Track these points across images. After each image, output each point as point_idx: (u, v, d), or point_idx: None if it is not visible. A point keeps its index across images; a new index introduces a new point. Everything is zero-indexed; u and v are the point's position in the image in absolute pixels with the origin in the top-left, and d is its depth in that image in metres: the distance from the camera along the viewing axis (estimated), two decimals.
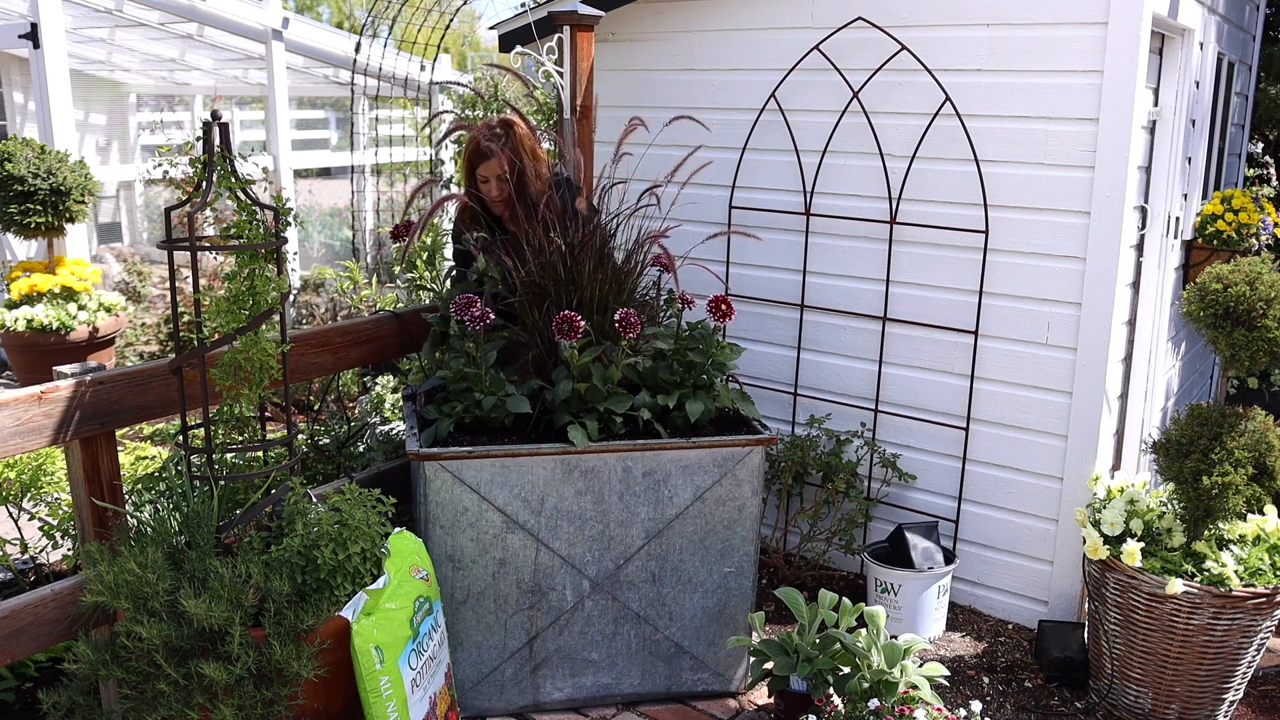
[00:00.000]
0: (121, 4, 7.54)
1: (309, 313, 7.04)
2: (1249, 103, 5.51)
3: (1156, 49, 3.66)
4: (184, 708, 2.35)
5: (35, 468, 3.41)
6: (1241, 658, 3.02)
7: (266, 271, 2.63)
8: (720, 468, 3.00)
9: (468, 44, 22.49)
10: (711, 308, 3.09)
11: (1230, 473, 2.91)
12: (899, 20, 3.55)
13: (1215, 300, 3.01)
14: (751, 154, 3.94)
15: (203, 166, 2.55)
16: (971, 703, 2.61)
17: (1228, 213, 4.27)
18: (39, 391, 2.47)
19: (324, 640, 2.44)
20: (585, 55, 3.38)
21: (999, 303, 3.54)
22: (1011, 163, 3.44)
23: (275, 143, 7.95)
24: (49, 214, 5.44)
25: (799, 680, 2.86)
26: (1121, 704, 3.17)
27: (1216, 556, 2.98)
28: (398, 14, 7.10)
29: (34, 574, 3.38)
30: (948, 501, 3.76)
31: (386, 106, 7.43)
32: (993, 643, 3.58)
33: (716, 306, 3.09)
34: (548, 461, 2.90)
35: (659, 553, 3.04)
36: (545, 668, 3.07)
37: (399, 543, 2.71)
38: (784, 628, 3.55)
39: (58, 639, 2.58)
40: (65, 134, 6.22)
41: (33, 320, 5.43)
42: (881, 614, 2.74)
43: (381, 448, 3.73)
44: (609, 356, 3.03)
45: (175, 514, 2.68)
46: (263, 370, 2.63)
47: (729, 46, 3.94)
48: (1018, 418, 3.56)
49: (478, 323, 2.96)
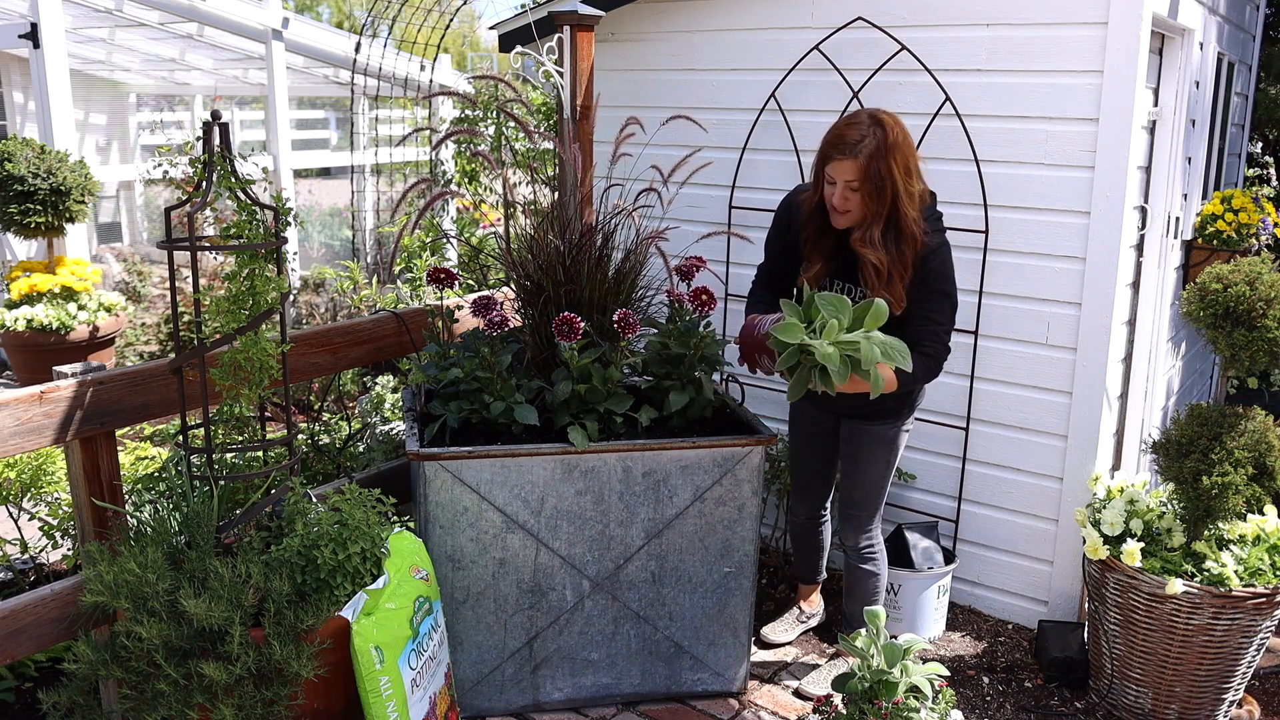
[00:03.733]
0: (121, 4, 7.54)
1: (309, 313, 7.04)
2: (1249, 103, 5.51)
3: (1156, 49, 3.66)
4: (184, 708, 2.35)
5: (35, 468, 3.42)
6: (1241, 658, 3.02)
7: (266, 271, 2.63)
8: (720, 468, 3.00)
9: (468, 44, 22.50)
10: (692, 298, 3.10)
11: (1230, 473, 2.91)
12: (899, 20, 3.55)
13: (1215, 300, 3.01)
14: (751, 154, 3.94)
15: (203, 166, 2.55)
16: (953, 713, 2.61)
17: (1228, 213, 4.27)
18: (39, 391, 2.47)
19: (324, 640, 2.44)
20: (585, 55, 3.38)
21: (999, 303, 3.54)
22: (1011, 163, 3.44)
23: (275, 143, 7.95)
24: (49, 214, 5.44)
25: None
26: (1121, 704, 3.17)
27: (1216, 556, 2.98)
28: (398, 14, 7.10)
29: (34, 574, 3.38)
30: (948, 501, 3.76)
31: (386, 106, 7.43)
32: (993, 643, 3.58)
33: (697, 297, 3.10)
34: (548, 461, 2.90)
35: (659, 553, 3.04)
36: (545, 668, 3.07)
37: (399, 543, 2.71)
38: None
39: (58, 639, 2.58)
40: (65, 134, 6.22)
41: (33, 320, 5.43)
42: (881, 614, 2.73)
43: (381, 448, 3.73)
44: (608, 357, 3.03)
45: (175, 514, 2.68)
46: (263, 370, 2.63)
47: (729, 46, 3.95)
48: (1018, 418, 3.56)
49: (496, 327, 2.96)
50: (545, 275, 3.15)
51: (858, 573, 3.20)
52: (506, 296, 3.50)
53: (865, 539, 3.17)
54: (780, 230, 3.02)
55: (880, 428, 3.05)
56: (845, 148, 2.64)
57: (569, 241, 3.17)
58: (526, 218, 3.31)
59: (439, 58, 7.15)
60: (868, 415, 3.03)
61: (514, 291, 3.30)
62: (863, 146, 2.63)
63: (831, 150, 2.68)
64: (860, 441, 3.09)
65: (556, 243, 3.16)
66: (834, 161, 2.67)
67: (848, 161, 2.64)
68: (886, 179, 2.63)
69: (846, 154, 2.64)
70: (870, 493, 3.13)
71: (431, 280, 3.17)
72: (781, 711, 3.16)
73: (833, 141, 2.68)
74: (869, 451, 3.08)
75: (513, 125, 5.84)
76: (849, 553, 3.21)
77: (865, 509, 3.15)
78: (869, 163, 2.62)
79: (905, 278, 2.72)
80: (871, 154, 2.62)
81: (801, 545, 3.47)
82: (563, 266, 3.13)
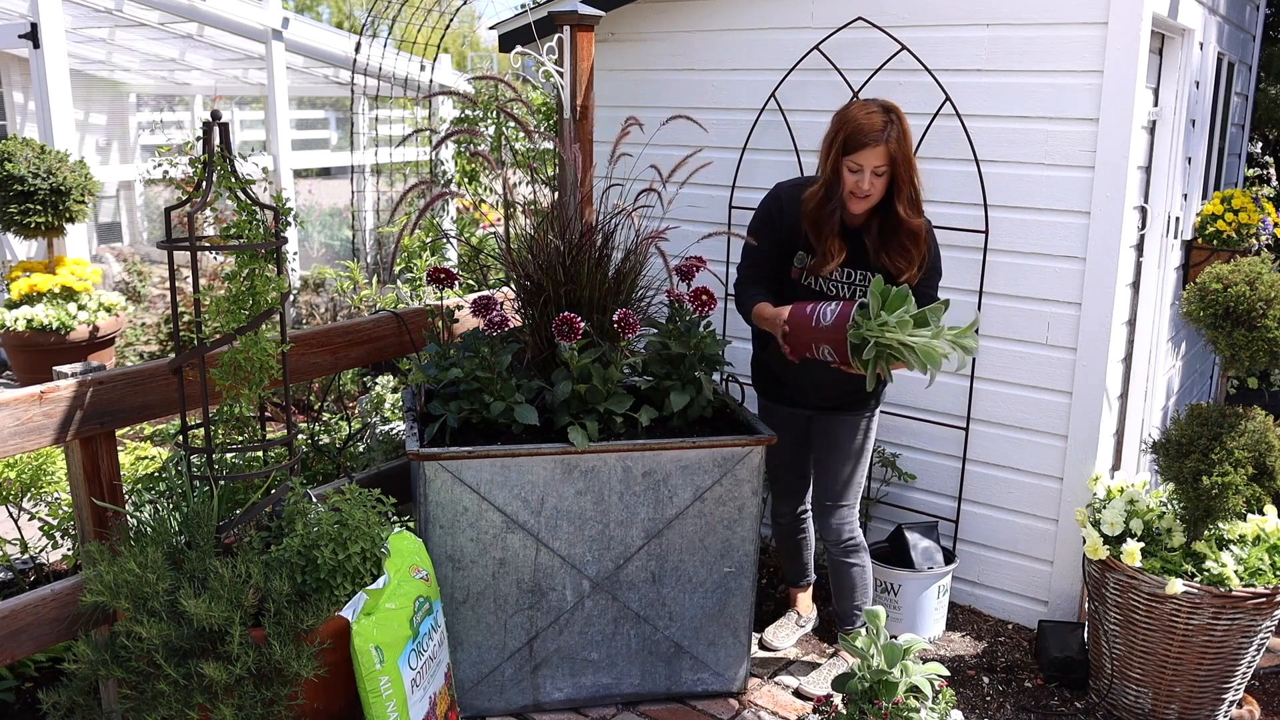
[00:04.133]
0: (121, 4, 7.54)
1: (309, 313, 7.04)
2: (1249, 103, 5.51)
3: (1156, 49, 3.66)
4: (184, 708, 2.35)
5: (35, 468, 3.42)
6: (1241, 658, 3.02)
7: (266, 271, 2.63)
8: (720, 467, 3.00)
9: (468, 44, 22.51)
10: (692, 298, 3.10)
11: (1230, 473, 2.91)
12: (899, 20, 3.55)
13: (1215, 300, 3.01)
14: (751, 154, 3.94)
15: (203, 166, 2.55)
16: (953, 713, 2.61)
17: (1228, 213, 4.27)
18: (39, 391, 2.47)
19: (324, 640, 2.44)
20: (585, 55, 3.38)
21: (999, 303, 3.54)
22: (1011, 163, 3.44)
23: (275, 143, 7.95)
24: (49, 214, 5.44)
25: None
26: (1121, 704, 3.17)
27: (1216, 556, 2.98)
28: (398, 14, 7.10)
29: (34, 574, 3.38)
30: (948, 501, 3.76)
31: (386, 106, 7.43)
32: (993, 643, 3.58)
33: (697, 297, 3.10)
34: (547, 461, 2.90)
35: (659, 553, 3.04)
36: (545, 668, 3.07)
37: (399, 543, 2.71)
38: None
39: (58, 639, 2.58)
40: (65, 134, 6.22)
41: (33, 320, 5.43)
42: (881, 614, 2.73)
43: (381, 448, 3.73)
44: (608, 357, 3.03)
45: (175, 514, 2.68)
46: (263, 370, 2.63)
47: (729, 46, 3.95)
48: (1018, 418, 3.56)
49: (496, 327, 2.96)
50: (545, 275, 3.15)
51: (843, 568, 3.23)
52: (506, 296, 3.50)
53: (847, 530, 3.21)
54: (772, 226, 3.05)
55: (853, 417, 3.15)
56: (873, 135, 2.76)
57: (569, 241, 3.17)
58: (526, 218, 3.31)
59: (439, 58, 7.15)
60: (840, 407, 3.14)
61: (514, 291, 3.30)
62: (889, 133, 2.77)
63: (860, 138, 2.78)
64: (835, 433, 3.17)
65: (556, 243, 3.16)
66: (864, 150, 2.77)
67: (878, 148, 2.76)
68: (908, 160, 2.81)
69: (875, 141, 2.76)
70: (849, 483, 3.19)
71: (431, 280, 3.17)
72: (781, 711, 3.16)
73: (857, 131, 2.78)
74: (844, 442, 3.17)
75: (513, 125, 5.84)
76: (832, 548, 3.23)
77: (845, 499, 3.20)
78: (896, 147, 2.77)
79: (909, 250, 2.89)
80: (897, 139, 2.78)
81: (788, 544, 3.49)
82: (563, 266, 3.13)
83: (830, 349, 2.70)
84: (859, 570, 3.22)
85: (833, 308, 2.71)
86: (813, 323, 2.73)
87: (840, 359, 2.70)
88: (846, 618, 3.26)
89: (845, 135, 2.80)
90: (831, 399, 3.13)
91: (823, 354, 2.74)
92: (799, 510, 3.44)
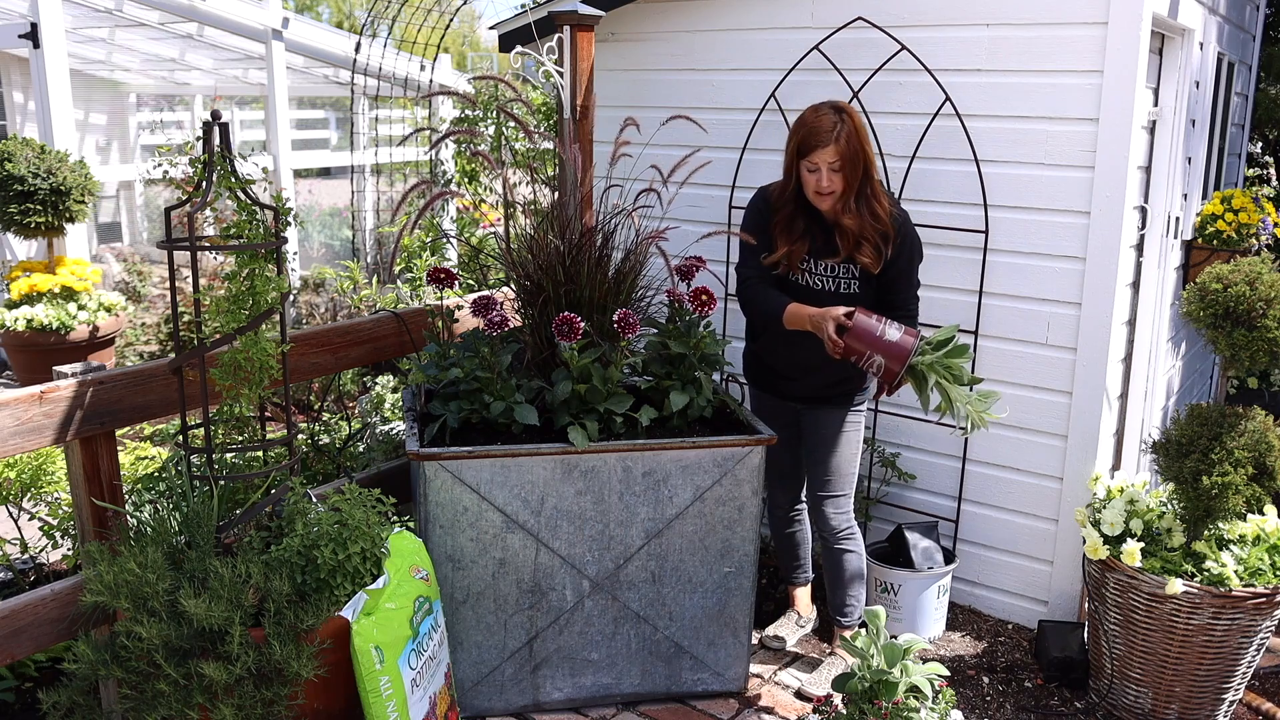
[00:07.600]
0: (121, 4, 7.54)
1: (309, 313, 7.04)
2: (1249, 103, 5.51)
3: (1156, 49, 3.66)
4: (184, 708, 2.35)
5: (35, 468, 3.42)
6: (1241, 658, 3.02)
7: (266, 271, 2.63)
8: (720, 467, 3.00)
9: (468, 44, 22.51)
10: (692, 298, 3.10)
11: (1230, 473, 2.91)
12: (899, 20, 3.55)
13: (1215, 300, 3.02)
14: (751, 154, 3.94)
15: (203, 166, 2.55)
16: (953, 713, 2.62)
17: (1228, 213, 4.27)
18: (39, 391, 2.47)
19: (324, 640, 2.44)
20: (585, 55, 3.38)
21: (999, 303, 3.54)
22: (1011, 163, 3.44)
23: (275, 143, 7.95)
24: (49, 214, 5.44)
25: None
26: (1121, 704, 3.17)
27: (1216, 556, 2.98)
28: (398, 14, 7.10)
29: (34, 574, 3.38)
30: (948, 501, 3.76)
31: (386, 106, 7.43)
32: (993, 643, 3.58)
33: (697, 297, 3.10)
34: (547, 461, 2.90)
35: (659, 553, 3.04)
36: (545, 668, 3.07)
37: (399, 543, 2.71)
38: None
39: (58, 639, 2.58)
40: (65, 134, 6.22)
41: (33, 320, 5.43)
42: (881, 613, 2.73)
43: (381, 448, 3.73)
44: (608, 357, 3.03)
45: (175, 514, 2.68)
46: (263, 370, 2.63)
47: (729, 46, 3.94)
48: (1017, 418, 3.56)
49: (496, 327, 2.96)
50: (545, 275, 3.15)
51: (836, 556, 3.27)
52: (506, 296, 3.50)
53: (843, 520, 3.25)
54: (765, 222, 3.14)
55: (841, 410, 3.21)
56: (824, 136, 2.92)
57: (569, 241, 3.17)
58: (526, 218, 3.31)
59: (439, 58, 7.15)
60: (828, 399, 3.21)
61: (514, 291, 3.30)
62: (838, 132, 2.91)
63: (812, 141, 2.94)
64: (826, 425, 3.22)
65: (556, 243, 3.16)
66: (816, 151, 2.93)
67: (829, 148, 2.91)
68: (859, 154, 2.94)
69: (826, 141, 2.91)
70: (842, 474, 3.23)
71: (431, 280, 3.17)
72: (781, 711, 3.16)
73: (810, 134, 2.94)
74: (835, 433, 3.22)
75: (513, 125, 5.84)
76: (827, 538, 3.26)
77: (840, 490, 3.24)
78: (846, 144, 2.91)
79: (875, 240, 3.00)
80: (847, 136, 2.92)
81: (785, 539, 3.51)
82: (563, 266, 3.13)
83: (884, 361, 2.84)
84: (852, 558, 3.26)
85: (896, 326, 2.86)
86: (877, 333, 2.86)
87: (887, 376, 2.85)
88: (840, 609, 3.30)
89: (799, 139, 2.96)
90: (820, 390, 3.20)
91: (871, 362, 2.86)
92: (793, 502, 3.46)
